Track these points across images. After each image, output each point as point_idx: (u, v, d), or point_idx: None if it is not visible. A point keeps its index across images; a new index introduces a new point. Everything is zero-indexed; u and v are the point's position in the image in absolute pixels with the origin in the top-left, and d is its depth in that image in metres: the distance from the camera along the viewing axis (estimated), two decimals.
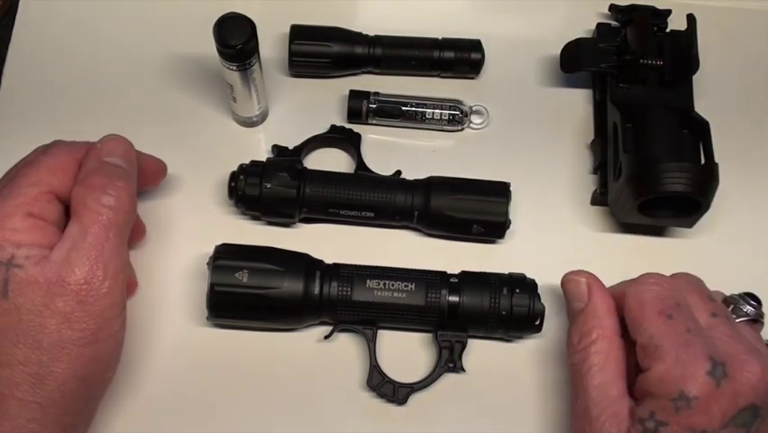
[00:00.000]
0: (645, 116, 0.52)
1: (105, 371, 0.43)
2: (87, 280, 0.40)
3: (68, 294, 0.40)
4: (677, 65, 0.54)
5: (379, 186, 0.52)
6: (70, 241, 0.41)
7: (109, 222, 0.42)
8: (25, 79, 0.57)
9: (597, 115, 0.57)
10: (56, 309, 0.40)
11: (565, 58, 0.56)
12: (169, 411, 0.49)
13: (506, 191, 0.52)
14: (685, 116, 0.53)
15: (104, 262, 0.41)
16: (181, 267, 0.52)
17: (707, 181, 0.49)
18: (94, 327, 0.41)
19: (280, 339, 0.51)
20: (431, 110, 0.56)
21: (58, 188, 0.43)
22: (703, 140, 0.51)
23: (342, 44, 0.56)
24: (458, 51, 0.57)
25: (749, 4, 0.62)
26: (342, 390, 0.50)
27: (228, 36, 0.48)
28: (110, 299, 0.41)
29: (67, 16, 0.59)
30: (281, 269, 0.48)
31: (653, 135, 0.51)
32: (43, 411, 0.40)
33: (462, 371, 0.50)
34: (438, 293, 0.49)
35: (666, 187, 0.49)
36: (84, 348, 0.41)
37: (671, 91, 0.54)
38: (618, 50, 0.55)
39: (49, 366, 0.40)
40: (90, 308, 0.41)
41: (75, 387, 0.41)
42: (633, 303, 0.44)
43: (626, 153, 0.51)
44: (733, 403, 0.41)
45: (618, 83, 0.55)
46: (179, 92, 0.57)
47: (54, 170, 0.43)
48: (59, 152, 0.44)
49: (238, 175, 0.51)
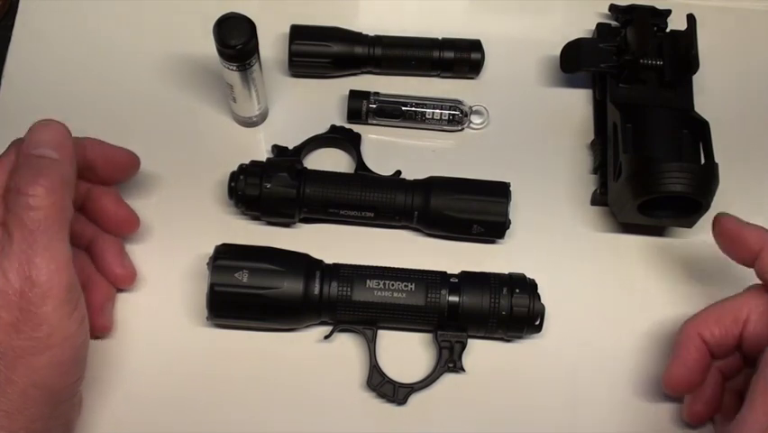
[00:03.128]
0: (645, 116, 0.52)
1: (66, 375, 0.41)
2: (23, 287, 0.39)
3: (9, 304, 0.39)
4: (677, 65, 0.54)
5: (379, 186, 0.52)
6: (0, 249, 0.40)
7: (35, 223, 0.39)
8: (25, 79, 0.57)
9: (597, 115, 0.57)
10: (1, 321, 0.39)
11: (565, 58, 0.56)
12: (169, 411, 0.49)
13: (506, 191, 0.52)
14: (685, 116, 0.53)
15: (35, 266, 0.39)
16: (181, 267, 0.52)
17: (707, 181, 0.49)
18: (42, 334, 0.39)
19: (280, 339, 0.50)
20: (431, 110, 0.56)
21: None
22: (703, 140, 0.51)
23: (342, 44, 0.56)
24: (458, 51, 0.57)
25: (749, 4, 0.62)
26: (342, 390, 0.50)
27: (228, 36, 0.48)
28: (52, 303, 0.39)
29: (67, 16, 0.59)
30: (281, 269, 0.48)
31: (653, 135, 0.51)
32: (10, 418, 0.39)
33: (462, 371, 0.50)
34: (438, 293, 0.49)
35: (666, 187, 0.48)
36: (37, 356, 0.39)
37: (671, 91, 0.54)
38: (618, 51, 0.55)
39: (7, 375, 0.39)
40: (33, 315, 0.39)
41: (35, 395, 0.40)
42: None
43: (626, 153, 0.51)
44: None
45: (618, 83, 0.55)
46: (179, 92, 0.57)
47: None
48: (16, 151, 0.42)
49: (238, 175, 0.51)
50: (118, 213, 0.49)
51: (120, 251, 0.50)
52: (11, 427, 0.40)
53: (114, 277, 0.49)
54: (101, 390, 0.48)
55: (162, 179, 0.54)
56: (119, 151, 0.49)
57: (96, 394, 0.48)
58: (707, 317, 0.46)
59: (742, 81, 0.60)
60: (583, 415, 0.50)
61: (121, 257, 0.50)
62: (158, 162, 0.53)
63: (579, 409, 0.50)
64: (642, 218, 0.51)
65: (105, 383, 0.49)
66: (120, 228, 0.50)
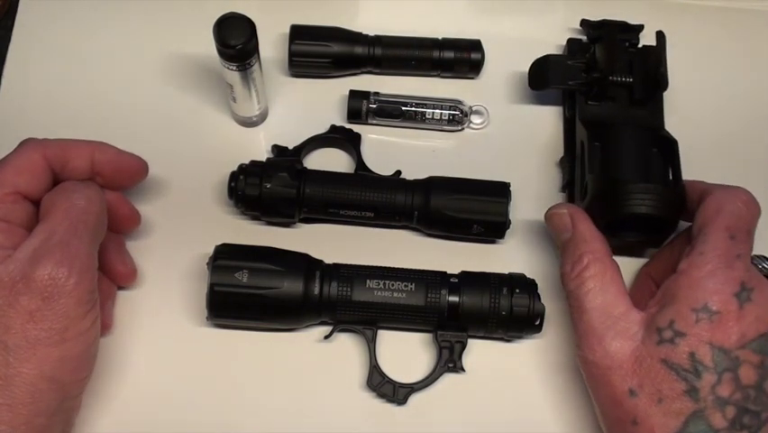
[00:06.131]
0: (613, 135, 0.51)
1: (76, 371, 0.42)
2: (52, 277, 0.40)
3: (32, 291, 0.40)
4: (647, 83, 0.53)
5: (379, 186, 0.52)
6: (37, 240, 0.41)
7: (78, 220, 0.42)
8: (25, 79, 0.57)
9: (566, 132, 0.56)
10: (20, 308, 0.40)
11: (533, 74, 0.55)
12: (169, 411, 0.49)
13: (506, 191, 0.52)
14: (655, 135, 0.51)
15: (69, 259, 0.40)
16: (181, 267, 0.52)
17: (673, 202, 0.48)
18: (59, 327, 0.40)
19: (280, 339, 0.50)
20: (431, 110, 0.56)
21: (24, 188, 0.43)
22: (671, 159, 0.50)
23: (342, 44, 0.56)
24: (458, 51, 0.57)
25: (749, 4, 0.62)
26: (342, 390, 0.50)
27: (228, 36, 0.48)
28: (75, 297, 0.40)
29: (67, 17, 0.59)
30: (281, 269, 0.48)
31: (621, 155, 0.50)
32: (13, 413, 0.40)
33: (462, 371, 0.50)
34: (438, 293, 0.49)
35: (631, 208, 0.48)
36: (51, 348, 0.40)
37: (641, 109, 0.53)
38: (587, 68, 0.54)
39: (16, 367, 0.39)
40: (55, 306, 0.40)
41: (45, 388, 0.40)
42: (712, 206, 0.45)
43: (592, 174, 0.50)
44: (753, 327, 0.42)
45: (587, 100, 0.53)
46: (179, 92, 0.57)
47: (21, 169, 0.43)
48: (27, 151, 0.44)
49: (238, 175, 0.51)
50: (119, 209, 0.49)
51: (121, 248, 0.50)
52: (12, 421, 0.40)
53: (115, 274, 0.49)
54: (100, 388, 0.48)
55: (162, 179, 0.54)
56: (128, 157, 0.48)
57: (95, 392, 0.48)
58: (656, 262, 0.51)
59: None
60: (583, 415, 0.50)
61: (122, 255, 0.50)
62: (158, 162, 0.53)
63: (579, 409, 0.50)
64: (610, 239, 0.48)
65: (104, 382, 0.49)
66: (121, 225, 0.50)
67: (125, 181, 0.49)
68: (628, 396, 0.42)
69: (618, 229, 0.50)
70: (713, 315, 0.42)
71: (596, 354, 0.44)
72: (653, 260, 0.52)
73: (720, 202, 0.45)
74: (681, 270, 0.44)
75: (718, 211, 0.44)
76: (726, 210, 0.44)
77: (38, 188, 0.44)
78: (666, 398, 0.42)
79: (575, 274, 0.46)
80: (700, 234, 0.44)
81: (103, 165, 0.47)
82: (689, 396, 0.41)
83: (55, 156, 0.45)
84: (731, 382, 0.41)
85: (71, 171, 0.46)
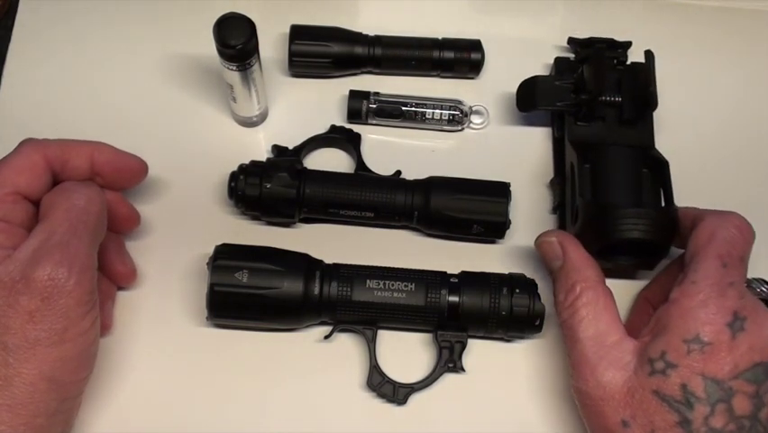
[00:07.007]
0: (604, 156, 0.50)
1: (76, 371, 0.42)
2: (52, 277, 0.40)
3: (32, 292, 0.40)
4: (636, 101, 0.52)
5: (378, 186, 0.52)
6: (36, 240, 0.41)
7: (77, 221, 0.42)
8: (25, 79, 0.57)
9: (556, 153, 0.56)
10: (20, 308, 0.39)
11: (521, 96, 0.55)
12: (169, 411, 0.49)
13: (506, 191, 0.52)
14: (645, 155, 0.51)
15: (69, 259, 0.40)
16: (181, 267, 0.52)
17: (665, 225, 0.47)
18: (59, 327, 0.40)
19: (280, 339, 0.51)
20: (431, 110, 0.56)
21: (24, 189, 0.43)
22: (662, 181, 0.50)
23: (343, 44, 0.56)
24: (458, 51, 0.57)
25: (749, 4, 0.62)
26: (342, 390, 0.50)
27: (228, 36, 0.48)
28: (75, 298, 0.40)
29: (67, 16, 0.59)
30: (281, 269, 0.48)
31: (612, 176, 0.49)
32: (12, 413, 0.39)
33: (462, 371, 0.50)
34: (438, 293, 0.49)
35: (622, 234, 0.47)
36: (51, 348, 0.40)
37: (631, 128, 0.52)
38: (576, 88, 0.53)
39: (16, 367, 0.39)
40: (55, 306, 0.40)
41: (45, 388, 0.40)
42: (704, 233, 0.44)
43: (582, 198, 0.49)
44: (747, 357, 0.41)
45: (576, 121, 0.53)
46: (179, 92, 0.57)
47: (21, 169, 0.43)
48: (27, 151, 0.44)
49: (238, 175, 0.51)
50: (119, 210, 0.49)
51: (121, 248, 0.50)
52: (12, 421, 0.40)
53: (114, 274, 0.49)
54: (100, 388, 0.48)
55: (162, 179, 0.54)
56: (128, 157, 0.48)
57: (95, 392, 0.48)
58: (654, 286, 0.51)
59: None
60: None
61: (122, 255, 0.50)
62: (158, 162, 0.53)
63: (579, 409, 0.50)
64: (602, 263, 0.48)
65: (104, 382, 0.49)
66: (121, 225, 0.50)
67: (125, 181, 0.49)
68: (621, 427, 0.42)
69: (611, 253, 0.49)
70: (705, 346, 0.41)
71: (588, 384, 0.43)
72: (651, 284, 0.51)
73: (712, 229, 0.44)
74: (673, 299, 0.43)
75: (710, 238, 0.44)
76: (719, 237, 0.43)
77: (38, 189, 0.44)
78: (659, 429, 0.41)
79: (568, 303, 0.45)
80: (692, 263, 0.44)
81: (102, 165, 0.47)
82: (681, 427, 0.41)
83: (55, 156, 0.45)
84: (724, 414, 0.41)
85: (71, 171, 0.46)
